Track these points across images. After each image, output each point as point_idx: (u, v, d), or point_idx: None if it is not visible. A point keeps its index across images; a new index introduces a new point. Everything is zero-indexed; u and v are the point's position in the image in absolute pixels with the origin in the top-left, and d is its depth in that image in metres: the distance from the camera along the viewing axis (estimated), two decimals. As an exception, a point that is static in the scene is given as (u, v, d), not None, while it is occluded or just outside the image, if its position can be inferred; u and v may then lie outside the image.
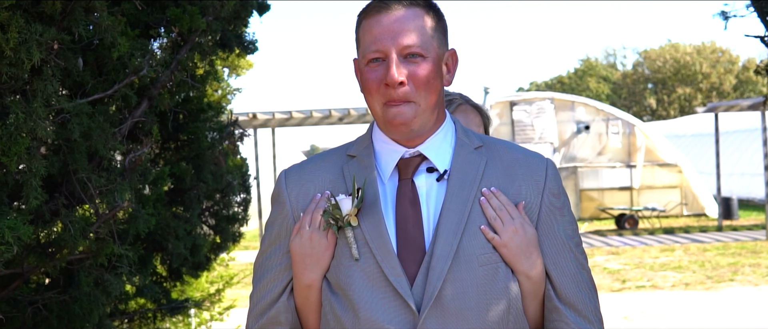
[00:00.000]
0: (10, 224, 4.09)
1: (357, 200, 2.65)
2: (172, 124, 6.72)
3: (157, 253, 6.84)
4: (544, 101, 32.88)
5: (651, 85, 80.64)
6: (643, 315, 14.38)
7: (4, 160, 4.15)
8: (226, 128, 7.56)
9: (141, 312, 7.23)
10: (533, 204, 2.75)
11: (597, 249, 23.57)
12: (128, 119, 5.33)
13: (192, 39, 5.71)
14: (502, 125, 32.93)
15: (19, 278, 4.96)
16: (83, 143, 4.81)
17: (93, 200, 4.89)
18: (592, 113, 32.75)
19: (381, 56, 2.62)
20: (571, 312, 2.72)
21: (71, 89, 5.08)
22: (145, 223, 5.34)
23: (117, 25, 4.78)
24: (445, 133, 2.79)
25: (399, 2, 2.66)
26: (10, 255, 4.12)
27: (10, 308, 5.20)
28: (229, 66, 9.58)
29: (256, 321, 2.82)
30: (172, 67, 5.61)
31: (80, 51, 4.92)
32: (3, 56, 4.06)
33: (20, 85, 4.35)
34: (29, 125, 4.18)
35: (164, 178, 5.77)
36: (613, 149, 32.55)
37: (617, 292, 16.78)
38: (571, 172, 32.88)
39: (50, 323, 5.34)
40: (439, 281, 2.57)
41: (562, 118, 32.87)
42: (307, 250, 2.71)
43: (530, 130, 32.78)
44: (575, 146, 32.86)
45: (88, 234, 4.89)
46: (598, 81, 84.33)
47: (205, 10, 5.79)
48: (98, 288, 5.28)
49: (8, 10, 4.04)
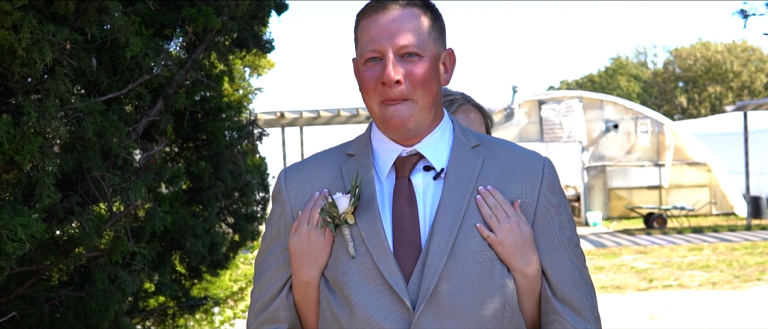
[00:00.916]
0: (23, 222, 4.14)
1: (353, 198, 2.68)
2: (191, 123, 6.77)
3: (176, 251, 6.89)
4: (572, 100, 32.80)
5: (682, 83, 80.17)
6: (669, 314, 14.33)
7: (17, 158, 4.20)
8: (245, 127, 7.60)
9: (161, 310, 7.28)
10: (529, 203, 2.76)
11: (625, 248, 23.51)
12: (143, 118, 5.37)
13: (207, 39, 5.75)
14: (530, 124, 32.90)
15: (34, 275, 5.02)
16: (97, 142, 4.86)
17: (107, 198, 4.93)
18: (620, 112, 32.64)
19: (378, 56, 2.65)
20: (567, 310, 2.73)
21: (86, 89, 5.13)
22: (160, 221, 5.38)
23: (130, 25, 4.82)
24: (443, 132, 2.81)
25: (396, 2, 2.68)
26: (22, 252, 4.17)
27: (26, 305, 5.26)
28: (250, 66, 9.62)
29: (256, 318, 2.86)
30: (188, 67, 5.65)
31: (94, 51, 4.96)
32: (15, 56, 4.11)
33: (33, 84, 4.40)
34: (42, 124, 4.23)
35: (181, 176, 5.81)
36: (641, 148, 32.43)
37: (644, 291, 16.73)
38: (600, 171, 32.78)
39: (67, 320, 5.39)
40: (434, 278, 2.59)
41: (591, 117, 32.79)
42: (305, 248, 2.74)
43: (558, 129, 32.71)
44: (604, 145, 32.77)
45: (102, 232, 4.94)
46: (629, 80, 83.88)
47: (220, 9, 5.83)
48: (114, 286, 5.33)
49: (21, 11, 4.09)
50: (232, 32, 6.17)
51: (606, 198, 32.81)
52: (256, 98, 9.54)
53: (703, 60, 76.97)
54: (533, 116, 33.01)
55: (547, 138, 32.70)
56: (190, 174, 6.78)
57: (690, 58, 78.12)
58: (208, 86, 6.21)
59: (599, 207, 32.70)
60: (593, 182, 32.93)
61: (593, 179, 32.91)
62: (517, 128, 33.01)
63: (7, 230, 4.12)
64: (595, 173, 32.82)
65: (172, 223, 6.31)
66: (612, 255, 22.25)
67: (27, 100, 4.28)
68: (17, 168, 4.40)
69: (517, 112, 32.92)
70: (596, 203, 32.82)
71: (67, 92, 4.44)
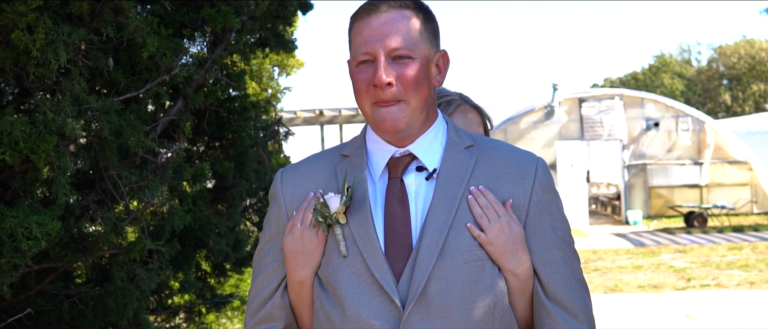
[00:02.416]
0: (38, 220, 4.19)
1: (345, 198, 2.70)
2: (216, 122, 6.81)
3: (201, 249, 6.94)
4: (613, 98, 32.65)
5: (726, 81, 79.49)
6: (705, 314, 14.21)
7: (33, 157, 4.25)
8: (271, 126, 7.63)
9: (187, 307, 7.34)
10: (521, 202, 2.76)
11: (664, 247, 23.35)
12: (163, 117, 5.41)
13: (226, 38, 5.79)
14: (570, 122, 32.79)
15: (53, 272, 5.08)
16: (114, 141, 4.90)
17: (123, 197, 4.98)
18: (661, 110, 32.45)
19: (370, 58, 2.67)
20: (559, 310, 2.73)
21: (104, 88, 5.18)
22: (180, 219, 5.43)
23: (146, 25, 4.87)
24: (436, 132, 2.82)
25: (388, 4, 2.70)
26: (37, 250, 4.23)
27: (45, 302, 5.32)
28: (278, 65, 9.66)
29: (253, 317, 2.89)
30: (207, 67, 5.69)
31: (112, 51, 5.02)
32: (30, 56, 4.17)
33: (49, 84, 4.45)
34: (57, 123, 4.28)
35: (204, 175, 5.86)
36: (682, 146, 32.21)
37: (681, 291, 16.61)
38: (641, 169, 32.61)
39: (86, 316, 5.45)
40: (424, 277, 2.60)
41: (632, 115, 32.63)
42: (299, 247, 2.77)
43: (599, 127, 32.57)
44: (644, 143, 32.59)
45: (119, 230, 4.99)
46: (672, 77, 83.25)
47: (240, 9, 5.86)
48: (132, 284, 5.38)
49: (36, 12, 4.14)
50: (253, 32, 6.20)
51: (646, 197, 32.62)
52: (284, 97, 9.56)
53: (747, 58, 76.25)
54: (573, 114, 32.89)
55: (588, 136, 32.57)
56: (215, 173, 6.83)
57: (734, 56, 77.40)
58: (229, 85, 6.24)
59: (640, 206, 32.51)
60: (634, 181, 32.76)
61: (634, 177, 32.74)
62: (557, 126, 32.92)
63: (23, 228, 4.18)
64: (635, 171, 32.64)
65: (196, 221, 6.36)
66: (651, 253, 22.12)
67: (42, 99, 4.33)
68: (33, 167, 4.45)
69: (557, 110, 32.82)
70: (637, 202, 32.63)
71: (83, 91, 4.49)
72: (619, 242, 25.40)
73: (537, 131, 33.27)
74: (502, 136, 33.52)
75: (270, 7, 6.41)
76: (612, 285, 17.33)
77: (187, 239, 6.66)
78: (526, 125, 33.41)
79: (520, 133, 33.48)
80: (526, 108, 33.87)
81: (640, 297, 15.93)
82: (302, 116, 28.79)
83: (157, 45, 4.99)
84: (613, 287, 17.08)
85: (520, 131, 33.46)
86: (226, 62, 6.19)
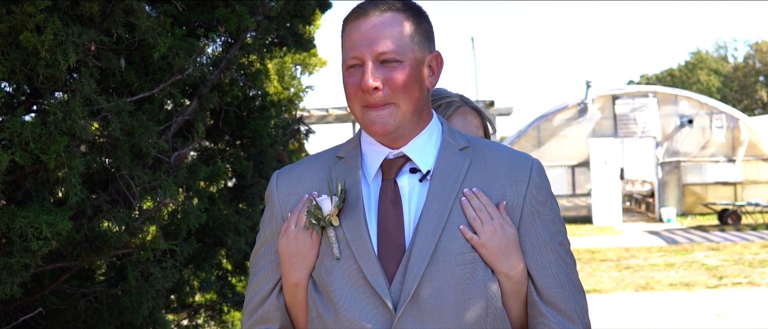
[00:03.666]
0: (48, 220, 4.22)
1: (337, 200, 2.70)
2: (236, 121, 6.83)
3: (220, 248, 6.97)
4: (646, 95, 32.51)
5: (762, 78, 78.92)
6: (736, 312, 14.12)
7: (43, 158, 4.28)
8: (291, 125, 7.65)
9: (208, 306, 7.37)
10: (515, 204, 2.74)
11: (697, 245, 23.20)
12: (177, 118, 5.43)
13: (241, 38, 5.80)
14: (604, 119, 32.68)
15: (67, 271, 5.11)
16: (126, 142, 4.93)
17: (136, 197, 5.01)
18: (695, 107, 32.26)
19: (358, 62, 2.67)
20: (553, 312, 2.72)
21: (117, 89, 5.21)
22: (195, 219, 5.45)
23: (158, 25, 4.88)
24: (430, 134, 2.81)
25: (377, 8, 2.69)
26: (48, 249, 4.25)
27: (60, 301, 5.36)
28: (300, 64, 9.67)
29: (250, 318, 2.90)
30: (222, 66, 5.71)
31: (124, 51, 5.04)
32: (39, 57, 4.19)
33: (59, 85, 4.48)
34: (67, 123, 4.31)
35: (221, 174, 5.88)
36: (716, 144, 32.01)
37: (713, 289, 16.50)
38: (674, 166, 32.44)
39: (102, 315, 5.49)
40: (416, 280, 2.60)
41: (665, 112, 32.47)
42: (293, 249, 2.78)
43: (633, 124, 32.45)
44: (678, 141, 32.42)
45: (132, 230, 5.02)
46: (709, 74, 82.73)
47: (255, 9, 5.87)
48: (147, 282, 5.41)
49: (45, 13, 4.17)
50: (269, 32, 6.21)
51: (680, 194, 32.44)
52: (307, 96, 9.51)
53: (784, 54, 75.75)
54: (607, 112, 32.78)
55: (621, 133, 32.45)
56: (234, 172, 6.86)
57: (770, 52, 76.91)
58: (245, 85, 6.25)
59: (673, 203, 32.34)
60: (667, 178, 32.59)
61: (667, 174, 32.57)
62: (590, 124, 32.82)
63: (33, 228, 4.21)
64: (669, 168, 32.47)
65: (214, 220, 6.39)
66: (684, 251, 21.98)
67: (53, 100, 4.36)
68: (44, 167, 4.48)
69: (590, 107, 32.73)
70: (670, 199, 32.46)
71: (93, 92, 4.51)
72: (652, 239, 25.28)
73: (570, 129, 33.20)
74: (535, 133, 33.47)
75: (287, 6, 6.42)
76: (643, 283, 17.25)
77: (206, 238, 6.69)
78: (560, 122, 33.34)
79: (553, 130, 33.41)
80: (560, 105, 33.80)
81: (671, 295, 15.85)
82: (334, 113, 28.83)
83: (169, 45, 5.00)
84: (644, 285, 17.00)
85: (554, 128, 33.40)
86: (243, 62, 6.20)
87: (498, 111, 28.94)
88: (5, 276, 4.28)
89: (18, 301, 5.04)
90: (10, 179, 4.54)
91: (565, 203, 34.29)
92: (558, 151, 33.61)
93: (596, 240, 25.51)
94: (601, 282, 17.50)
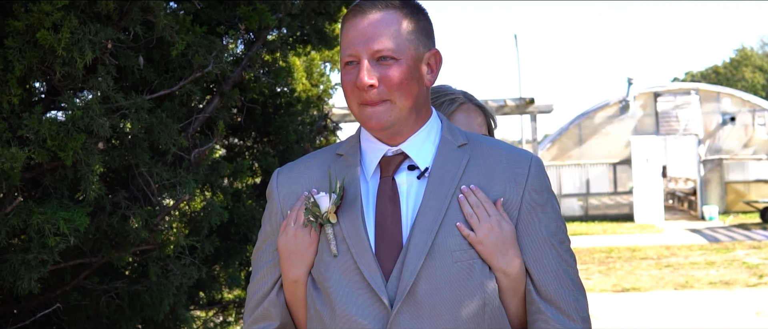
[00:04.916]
0: (65, 216, 4.26)
1: (335, 197, 2.71)
2: (263, 118, 6.86)
3: (248, 245, 6.99)
4: (688, 93, 32.28)
5: (808, 74, 78.23)
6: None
7: (61, 155, 4.32)
8: (318, 122, 7.66)
9: (236, 303, 7.40)
10: (513, 201, 2.73)
11: (738, 243, 23.00)
12: (197, 115, 5.46)
13: (263, 36, 5.82)
14: (645, 117, 32.49)
15: (87, 268, 5.15)
16: (145, 139, 4.96)
17: (154, 194, 5.04)
18: (738, 104, 31.99)
19: (354, 60, 2.68)
20: (551, 309, 2.70)
21: (136, 86, 5.24)
22: (217, 215, 5.47)
23: (177, 23, 4.91)
24: (429, 131, 2.81)
25: (375, 6, 2.70)
26: (65, 246, 4.29)
27: (82, 297, 5.40)
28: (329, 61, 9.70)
29: (250, 315, 2.91)
30: (243, 64, 5.73)
31: (143, 49, 5.07)
32: (56, 55, 4.23)
33: (76, 83, 4.51)
34: (85, 120, 4.34)
35: (244, 171, 5.90)
36: (759, 141, 31.72)
37: (752, 287, 16.34)
38: (717, 164, 32.18)
39: (123, 311, 5.53)
40: (412, 277, 2.60)
41: (708, 109, 32.23)
42: (292, 246, 2.79)
43: (674, 121, 32.24)
44: (721, 138, 32.16)
45: (152, 227, 5.05)
46: (754, 71, 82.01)
47: (276, 7, 5.89)
48: (167, 279, 5.44)
49: (62, 11, 4.20)
50: (291, 29, 6.23)
51: (722, 192, 32.18)
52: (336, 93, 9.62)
53: (830, 50, 74.97)
54: (649, 109, 32.59)
55: (663, 131, 32.26)
56: (261, 168, 6.88)
57: (817, 49, 76.16)
58: (268, 82, 6.27)
59: (716, 201, 32.09)
60: (710, 176, 32.34)
61: (710, 172, 32.32)
62: (632, 121, 32.65)
63: (50, 224, 4.24)
64: (711, 166, 32.23)
65: (239, 216, 6.41)
66: (725, 249, 21.80)
67: (70, 98, 4.39)
68: (62, 165, 4.52)
69: (632, 104, 32.57)
70: (712, 197, 32.22)
71: (110, 89, 4.55)
72: (693, 237, 25.09)
73: (612, 126, 33.03)
74: (576, 130, 33.33)
75: (310, 4, 6.43)
76: (683, 281, 17.12)
77: (230, 235, 6.71)
78: (601, 119, 33.19)
79: (594, 128, 33.27)
80: (601, 103, 33.65)
81: (711, 293, 15.71)
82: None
83: (187, 42, 5.03)
84: (684, 283, 16.87)
85: (595, 125, 33.26)
86: (267, 59, 6.22)
87: (538, 109, 28.79)
88: (23, 272, 4.33)
89: (39, 297, 5.09)
90: (29, 176, 4.59)
91: (607, 201, 34.09)
92: (599, 149, 33.45)
93: (637, 238, 25.37)
94: (640, 281, 17.39)
